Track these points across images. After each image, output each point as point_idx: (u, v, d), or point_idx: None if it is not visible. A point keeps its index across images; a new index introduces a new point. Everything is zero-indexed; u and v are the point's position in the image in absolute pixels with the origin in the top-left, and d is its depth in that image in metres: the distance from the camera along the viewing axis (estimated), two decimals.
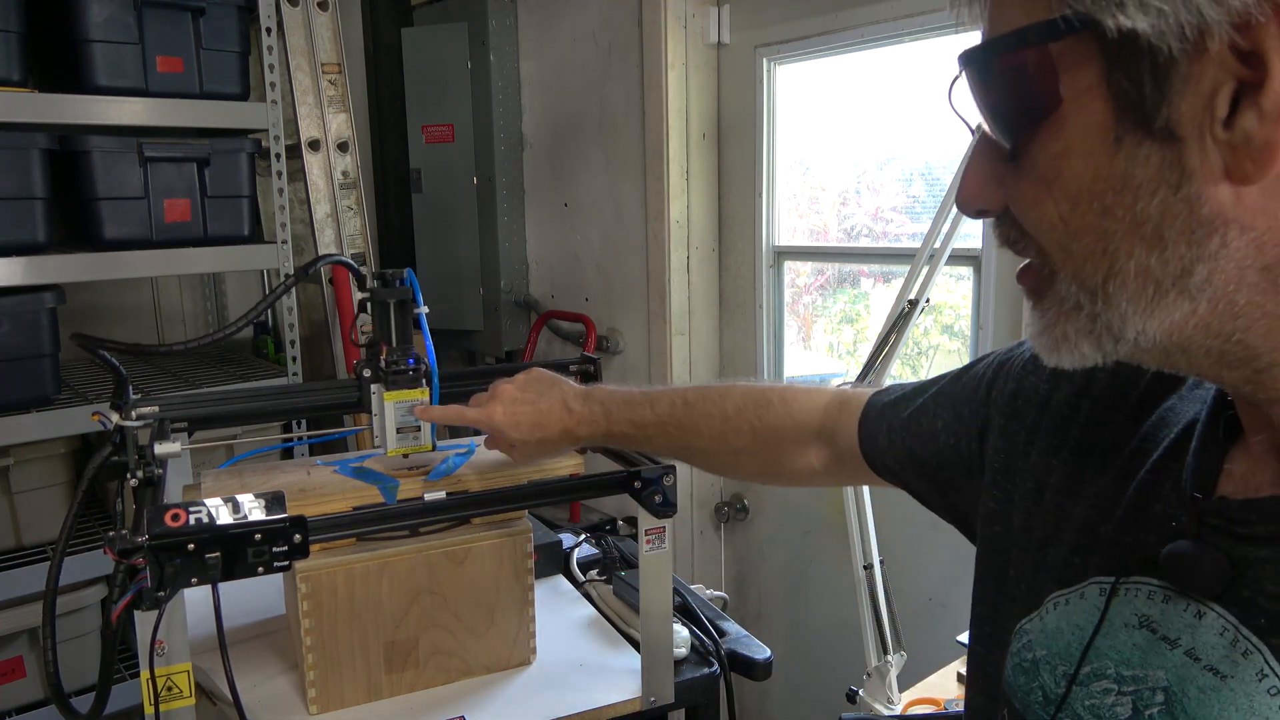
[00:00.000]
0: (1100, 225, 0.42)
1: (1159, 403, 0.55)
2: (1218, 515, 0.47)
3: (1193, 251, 0.40)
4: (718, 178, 2.33)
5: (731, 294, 2.37)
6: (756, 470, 0.97)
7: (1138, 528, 0.52)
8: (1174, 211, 0.40)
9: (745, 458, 0.95)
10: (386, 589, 1.05)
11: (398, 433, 1.09)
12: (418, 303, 1.08)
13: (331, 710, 1.05)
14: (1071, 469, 0.58)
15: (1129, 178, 0.41)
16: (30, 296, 1.79)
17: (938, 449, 0.72)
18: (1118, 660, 0.50)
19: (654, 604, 1.06)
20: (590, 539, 1.48)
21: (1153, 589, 0.49)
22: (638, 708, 1.08)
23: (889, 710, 1.54)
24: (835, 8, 1.97)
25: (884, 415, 0.80)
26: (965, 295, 1.91)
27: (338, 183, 2.39)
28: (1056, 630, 0.54)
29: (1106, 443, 0.57)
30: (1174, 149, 0.39)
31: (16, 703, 1.93)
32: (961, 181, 0.49)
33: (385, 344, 1.09)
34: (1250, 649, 0.44)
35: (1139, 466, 0.53)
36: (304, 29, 2.31)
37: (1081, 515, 0.56)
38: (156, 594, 0.77)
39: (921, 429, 0.74)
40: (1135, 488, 0.53)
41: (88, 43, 1.82)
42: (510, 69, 2.63)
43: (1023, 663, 0.56)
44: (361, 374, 1.10)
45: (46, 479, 1.97)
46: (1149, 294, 0.42)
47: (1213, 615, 0.46)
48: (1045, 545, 0.57)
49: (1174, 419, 0.54)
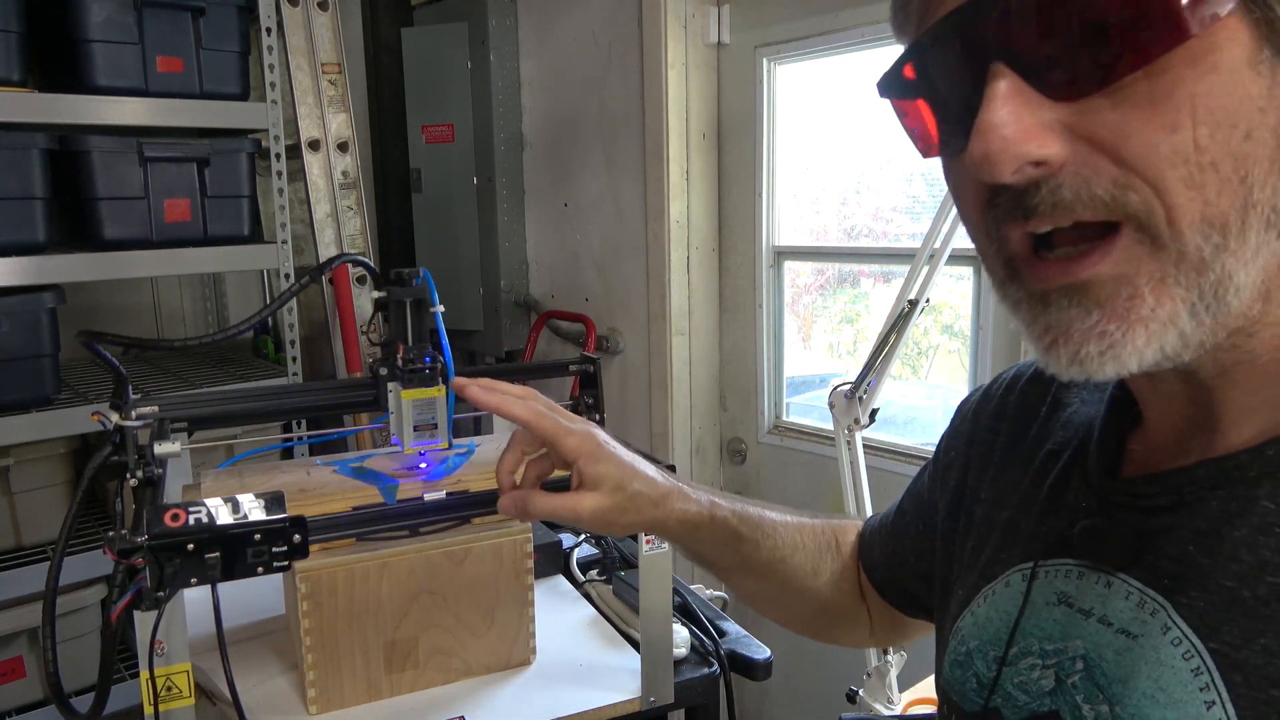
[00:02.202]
0: (1241, 150, 0.39)
1: (1062, 410, 0.60)
2: (1123, 493, 0.50)
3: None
4: (718, 178, 2.33)
5: (731, 294, 2.37)
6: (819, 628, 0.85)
7: (1053, 517, 0.55)
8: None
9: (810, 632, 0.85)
10: (386, 589, 1.05)
11: (415, 430, 1.09)
12: (433, 302, 1.09)
13: (331, 710, 1.05)
14: (999, 485, 0.62)
15: (1273, 97, 0.39)
16: (30, 296, 1.79)
17: (911, 538, 0.75)
18: (1041, 637, 0.52)
19: (654, 604, 1.06)
20: (590, 539, 1.48)
21: (1069, 567, 0.52)
22: (638, 708, 1.08)
23: (889, 710, 1.54)
24: (835, 8, 1.97)
25: (872, 533, 0.82)
26: (965, 295, 1.91)
27: (338, 183, 2.39)
28: (986, 619, 0.57)
29: (1024, 453, 0.61)
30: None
31: (16, 703, 1.93)
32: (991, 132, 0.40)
33: (401, 343, 1.09)
34: (1156, 608, 0.46)
35: (1052, 466, 0.57)
36: (304, 29, 2.31)
37: (1006, 518, 0.59)
38: (156, 594, 0.77)
39: (898, 528, 0.78)
40: (1049, 484, 0.57)
41: (88, 43, 1.82)
42: (510, 69, 2.63)
43: (957, 657, 0.58)
44: (378, 372, 1.11)
45: (46, 479, 1.96)
46: (1264, 227, 0.41)
47: (1119, 583, 0.49)
48: (978, 552, 0.61)
49: (1077, 421, 0.58)
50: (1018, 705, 0.52)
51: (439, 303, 1.11)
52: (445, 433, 1.11)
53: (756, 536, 0.77)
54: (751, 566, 0.79)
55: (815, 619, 0.84)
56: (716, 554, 0.78)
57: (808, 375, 2.37)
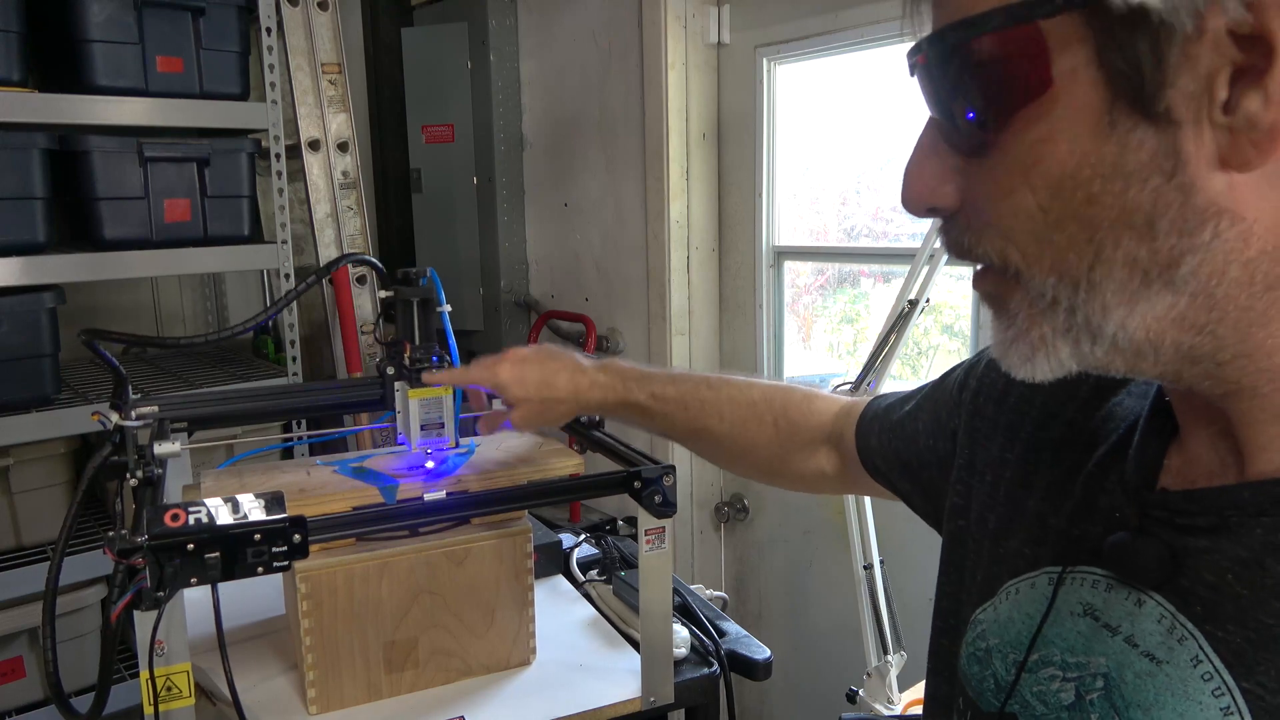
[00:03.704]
0: (1085, 214, 0.40)
1: (1107, 398, 0.57)
2: (1160, 507, 0.48)
3: (1184, 242, 0.39)
4: (718, 178, 2.33)
5: (731, 294, 2.37)
6: (767, 466, 0.95)
7: (1085, 519, 0.53)
8: (1167, 200, 0.39)
9: (761, 450, 0.93)
10: (386, 589, 1.05)
11: (421, 429, 1.10)
12: (440, 301, 1.09)
13: (331, 710, 1.05)
14: (1024, 462, 0.59)
15: (1120, 164, 0.39)
16: (30, 296, 1.79)
17: (918, 450, 0.74)
18: (1063, 648, 0.51)
19: (654, 604, 1.06)
20: (590, 539, 1.48)
21: (1097, 578, 0.50)
22: (638, 708, 1.08)
23: (889, 710, 1.54)
24: (835, 8, 1.97)
25: (878, 418, 0.82)
26: (965, 295, 1.91)
27: (338, 183, 2.39)
28: (1008, 619, 0.55)
29: (1057, 437, 0.58)
30: (1170, 134, 0.38)
31: (16, 703, 1.93)
32: (908, 178, 0.46)
33: (409, 342, 1.09)
34: (1186, 635, 0.45)
35: (1086, 460, 0.55)
36: (304, 29, 2.31)
37: (1033, 508, 0.57)
38: (156, 594, 0.77)
39: (906, 431, 0.76)
40: (1083, 481, 0.54)
41: (88, 43, 1.82)
42: (510, 69, 2.63)
43: (976, 652, 0.57)
44: (385, 372, 1.11)
45: (46, 479, 1.96)
46: (1134, 285, 0.40)
47: (1152, 603, 0.47)
48: (1000, 537, 0.59)
49: (1120, 414, 0.55)
50: (1035, 715, 0.51)
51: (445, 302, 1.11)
52: (452, 432, 1.12)
53: (669, 410, 0.95)
54: (673, 435, 0.98)
55: (752, 472, 1.00)
56: (639, 426, 1.00)
57: (808, 375, 2.37)
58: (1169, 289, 0.40)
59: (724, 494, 2.45)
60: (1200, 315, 0.41)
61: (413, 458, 1.13)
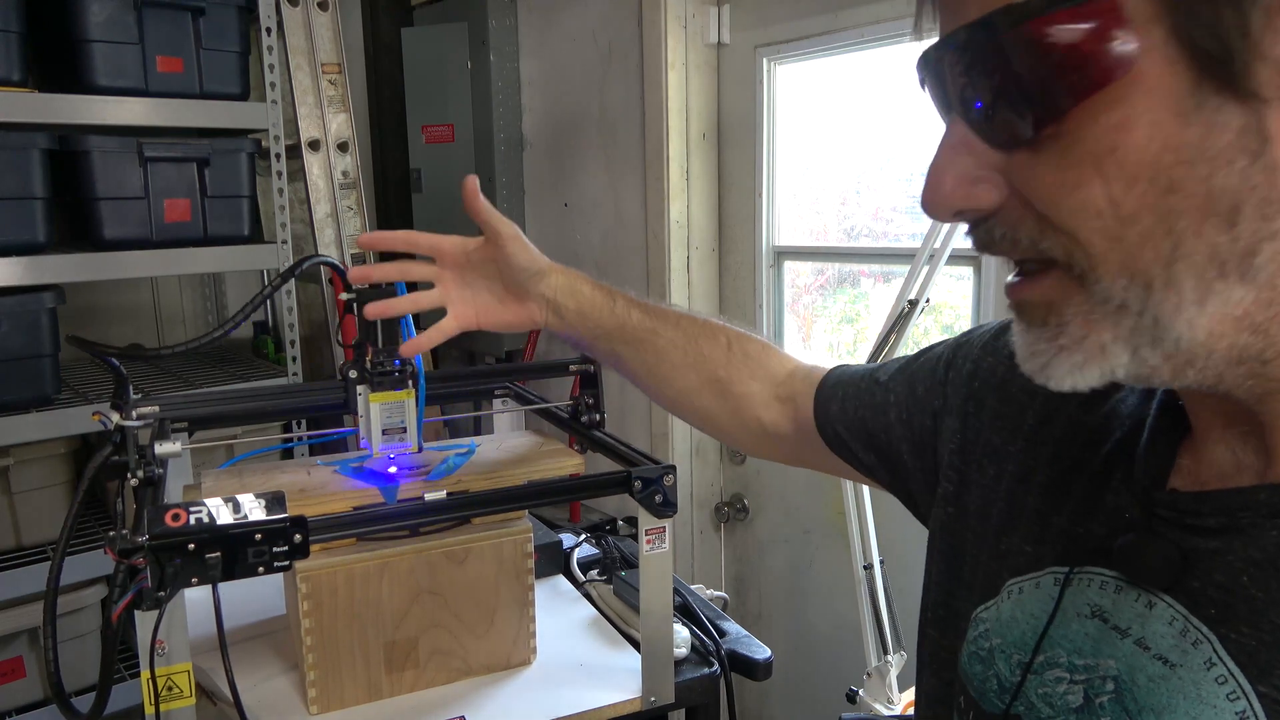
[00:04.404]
0: (1164, 204, 0.37)
1: (1110, 395, 0.55)
2: (1169, 507, 0.47)
3: (1265, 227, 0.37)
4: (718, 178, 2.33)
5: (731, 294, 2.37)
6: (715, 388, 0.90)
7: (1090, 519, 0.52)
8: (1252, 182, 0.36)
9: (710, 365, 0.90)
10: (386, 589, 1.05)
11: (383, 434, 1.09)
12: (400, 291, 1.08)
13: (331, 710, 1.05)
14: (1026, 456, 0.58)
15: (1205, 146, 0.36)
16: (30, 296, 1.79)
17: (887, 423, 0.72)
18: (1070, 649, 0.50)
19: (654, 604, 1.06)
20: (590, 539, 1.48)
21: (1105, 579, 0.49)
22: (638, 708, 1.08)
23: (889, 710, 1.54)
24: (835, 8, 1.97)
25: (841, 384, 0.79)
26: (965, 295, 1.91)
27: (338, 183, 2.39)
28: (1012, 619, 0.54)
29: (1059, 432, 0.57)
30: (1256, 110, 0.36)
31: (17, 703, 1.93)
32: (935, 179, 0.43)
33: (371, 345, 1.09)
34: (1200, 638, 0.44)
35: (1090, 458, 0.54)
36: (304, 29, 2.31)
37: (1035, 504, 0.56)
38: (157, 594, 0.77)
39: (875, 400, 0.74)
40: (1087, 478, 0.53)
41: (88, 43, 1.82)
42: (510, 69, 2.63)
43: (979, 651, 0.56)
44: (347, 375, 1.10)
45: (46, 479, 1.97)
46: (1210, 277, 0.38)
47: (1163, 605, 0.46)
48: (1001, 533, 0.58)
49: (1124, 412, 0.54)
50: (1040, 716, 0.50)
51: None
52: (415, 436, 1.11)
53: (629, 312, 0.98)
54: (624, 336, 0.98)
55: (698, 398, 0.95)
56: (588, 328, 1.02)
57: None
58: (1242, 281, 0.38)
59: (724, 494, 2.46)
60: (1260, 312, 0.39)
61: (413, 458, 1.13)
